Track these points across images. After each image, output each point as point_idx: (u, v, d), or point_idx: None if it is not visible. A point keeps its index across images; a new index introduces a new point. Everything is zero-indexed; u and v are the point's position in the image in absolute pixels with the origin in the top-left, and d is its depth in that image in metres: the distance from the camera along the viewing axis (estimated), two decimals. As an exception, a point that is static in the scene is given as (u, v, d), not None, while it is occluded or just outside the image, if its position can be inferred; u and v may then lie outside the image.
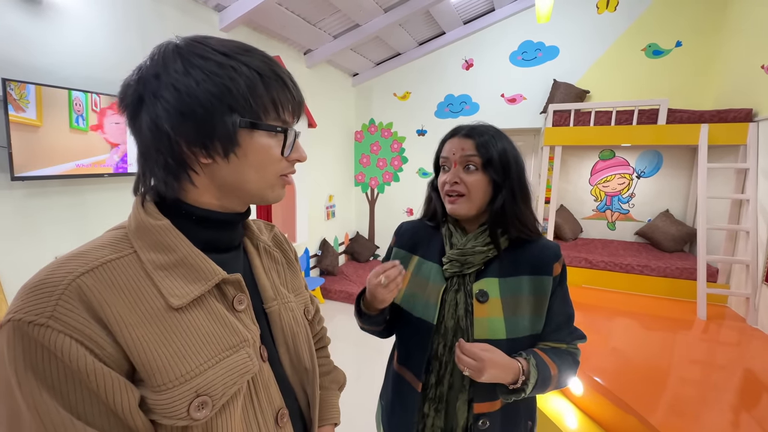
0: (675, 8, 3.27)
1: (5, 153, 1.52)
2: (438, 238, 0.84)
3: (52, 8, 1.69)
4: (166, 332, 0.41)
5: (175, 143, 0.43)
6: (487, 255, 0.77)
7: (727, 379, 1.72)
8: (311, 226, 3.83)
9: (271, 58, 0.49)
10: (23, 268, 1.65)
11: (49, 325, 0.35)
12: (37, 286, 0.37)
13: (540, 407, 1.80)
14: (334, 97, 4.18)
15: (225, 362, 0.44)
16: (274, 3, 2.60)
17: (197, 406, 0.41)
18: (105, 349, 0.38)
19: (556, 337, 0.79)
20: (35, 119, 1.57)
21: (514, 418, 0.79)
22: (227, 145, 0.44)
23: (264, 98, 0.45)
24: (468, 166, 0.76)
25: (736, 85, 2.83)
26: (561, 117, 2.99)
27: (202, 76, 0.42)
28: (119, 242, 0.44)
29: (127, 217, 0.48)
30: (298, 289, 0.64)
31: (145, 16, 2.10)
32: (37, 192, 1.70)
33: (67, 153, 1.69)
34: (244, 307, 0.50)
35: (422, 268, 0.83)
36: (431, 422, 0.79)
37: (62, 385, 0.36)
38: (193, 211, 0.47)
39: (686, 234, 3.19)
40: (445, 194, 0.79)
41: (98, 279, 0.39)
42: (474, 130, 0.79)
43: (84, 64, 1.83)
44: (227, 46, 0.45)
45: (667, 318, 2.39)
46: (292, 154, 0.51)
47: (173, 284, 0.43)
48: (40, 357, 0.35)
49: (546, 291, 0.77)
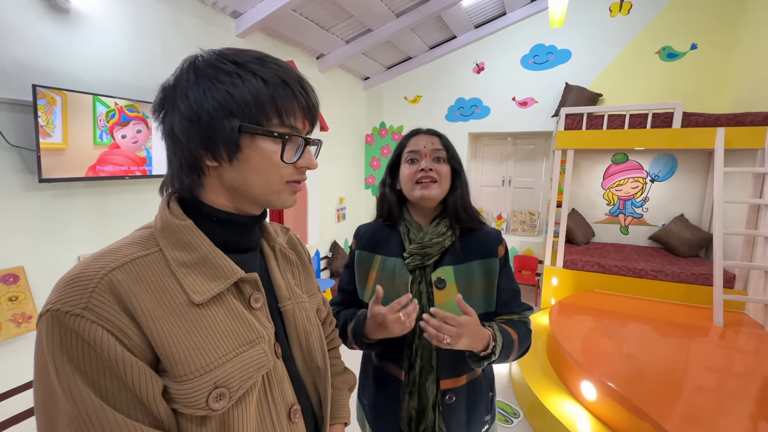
0: (690, 11, 3.23)
1: (34, 156, 1.59)
2: (395, 236, 0.91)
3: (78, 17, 1.76)
4: (187, 326, 0.43)
5: (186, 148, 0.47)
6: (443, 245, 0.85)
7: (746, 387, 1.69)
8: (322, 228, 3.86)
9: (283, 66, 0.49)
10: (47, 264, 1.71)
11: (83, 315, 0.38)
12: (72, 280, 0.40)
13: (553, 411, 1.79)
14: (346, 101, 4.22)
15: (242, 357, 0.46)
16: (289, 9, 2.65)
17: (215, 397, 0.43)
18: (132, 340, 0.40)
19: (507, 310, 0.89)
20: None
21: (477, 391, 0.88)
22: (229, 149, 0.46)
23: (266, 104, 0.46)
24: (438, 158, 0.87)
25: (754, 87, 2.79)
26: (573, 120, 2.98)
27: (209, 85, 0.45)
28: (146, 240, 0.47)
29: (153, 217, 0.50)
30: (312, 290, 0.66)
31: (164, 24, 2.17)
32: (63, 193, 1.76)
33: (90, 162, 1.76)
34: (260, 305, 0.52)
35: (386, 265, 0.88)
36: (406, 405, 0.86)
37: (94, 372, 0.38)
38: (212, 212, 0.50)
39: (701, 239, 3.14)
40: (415, 182, 0.86)
41: (127, 274, 0.42)
42: (433, 130, 0.90)
43: (107, 70, 1.90)
44: (241, 56, 0.48)
45: (682, 324, 2.35)
46: (300, 161, 0.51)
47: (195, 281, 0.45)
48: (74, 345, 0.38)
49: (494, 271, 0.87)
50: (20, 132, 1.59)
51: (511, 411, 2.11)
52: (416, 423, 0.86)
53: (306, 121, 0.51)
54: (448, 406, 0.83)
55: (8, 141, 1.55)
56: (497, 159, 4.41)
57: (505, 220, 4.32)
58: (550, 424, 1.78)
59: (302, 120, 0.50)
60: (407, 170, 0.87)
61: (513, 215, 4.26)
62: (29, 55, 1.60)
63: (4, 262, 1.57)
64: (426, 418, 0.85)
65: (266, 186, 0.49)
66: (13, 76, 1.55)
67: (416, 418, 0.86)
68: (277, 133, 0.47)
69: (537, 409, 1.90)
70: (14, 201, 1.60)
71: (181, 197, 0.51)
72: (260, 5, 2.56)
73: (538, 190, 4.22)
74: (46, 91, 1.57)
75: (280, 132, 0.48)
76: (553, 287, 3.13)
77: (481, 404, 0.89)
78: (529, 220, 4.18)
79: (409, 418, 0.86)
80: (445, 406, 0.83)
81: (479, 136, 4.42)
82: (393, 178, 0.93)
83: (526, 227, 4.18)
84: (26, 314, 1.62)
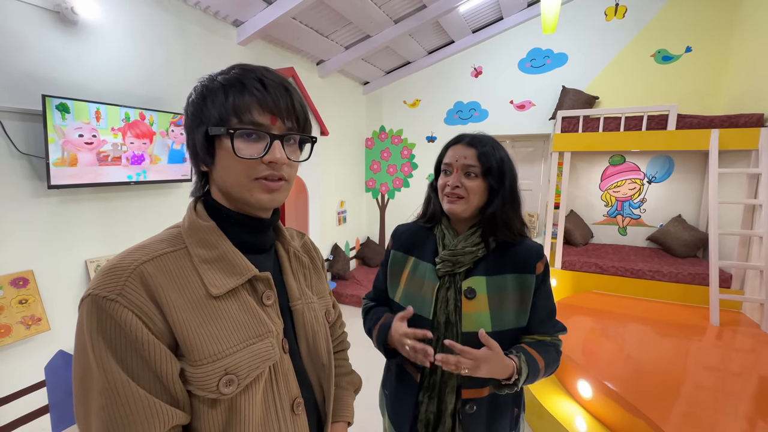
0: (685, 14, 3.27)
1: (43, 163, 1.64)
2: (432, 239, 0.90)
3: (86, 28, 1.82)
4: (205, 316, 0.48)
5: (190, 156, 0.55)
6: (476, 255, 0.83)
7: (742, 386, 1.71)
8: (323, 231, 3.91)
9: (248, 69, 0.51)
10: (55, 268, 1.76)
11: (117, 300, 0.43)
12: (110, 270, 0.46)
13: (548, 409, 1.82)
14: (346, 106, 4.28)
15: (251, 348, 0.50)
16: (289, 17, 2.71)
17: (225, 383, 0.47)
18: (156, 325, 0.45)
19: (541, 330, 0.86)
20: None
21: (501, 405, 0.85)
22: (205, 153, 0.52)
23: (224, 107, 0.49)
24: (468, 173, 0.83)
25: (748, 89, 2.82)
26: (570, 123, 3.02)
27: (193, 101, 0.52)
28: (174, 238, 0.52)
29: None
30: (322, 293, 0.70)
31: (168, 33, 2.23)
32: (70, 199, 1.81)
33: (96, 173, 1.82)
34: (271, 302, 0.56)
35: (418, 269, 0.89)
36: (425, 408, 0.86)
37: (123, 351, 0.43)
38: (229, 213, 0.55)
39: (699, 239, 3.16)
40: (444, 195, 0.86)
41: (156, 267, 0.48)
42: (476, 139, 0.85)
43: (114, 80, 1.95)
44: (227, 69, 0.53)
45: (679, 324, 2.38)
46: (266, 156, 0.50)
47: (214, 276, 0.50)
48: (109, 325, 0.43)
49: (529, 287, 0.83)
50: (30, 140, 1.64)
51: (510, 410, 2.13)
52: (434, 427, 0.86)
53: (275, 117, 0.51)
54: (469, 415, 0.82)
55: (19, 149, 1.60)
56: (496, 161, 4.44)
57: (505, 222, 4.35)
58: (548, 423, 1.81)
59: (269, 116, 0.50)
60: (440, 181, 0.88)
61: (512, 217, 4.29)
62: (39, 66, 1.66)
63: (14, 265, 1.62)
64: (444, 424, 0.84)
65: (237, 183, 0.52)
66: (24, 87, 1.60)
67: (434, 423, 0.86)
68: (223, 129, 0.49)
69: (535, 409, 1.93)
70: (24, 207, 1.65)
71: (206, 200, 0.57)
72: (261, 14, 2.62)
73: (536, 192, 4.26)
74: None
75: (228, 128, 0.49)
76: (552, 288, 3.15)
77: (504, 419, 0.86)
78: (528, 221, 4.20)
79: (427, 422, 0.86)
80: (465, 415, 0.82)
81: (478, 139, 4.46)
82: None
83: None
84: (35, 316, 1.66)
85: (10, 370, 1.63)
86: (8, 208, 1.60)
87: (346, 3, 2.86)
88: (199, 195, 0.57)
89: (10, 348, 1.63)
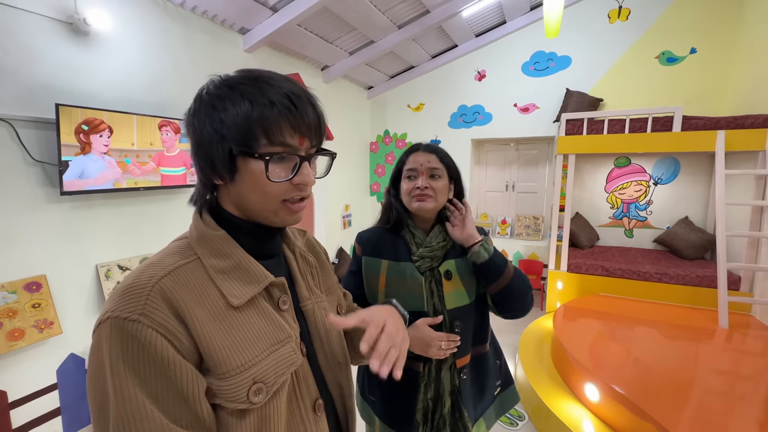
0: (689, 15, 3.27)
1: (56, 170, 1.68)
2: (400, 241, 0.97)
3: (97, 39, 1.87)
4: (227, 328, 0.47)
5: (199, 168, 0.52)
6: (447, 246, 0.95)
7: (752, 389, 1.68)
8: (328, 235, 3.93)
9: (274, 84, 0.49)
10: (67, 272, 1.80)
11: (140, 321, 0.41)
12: (128, 289, 0.43)
13: (556, 412, 1.81)
14: (350, 110, 4.31)
15: (275, 355, 0.50)
16: (294, 24, 2.75)
17: (255, 392, 0.47)
18: (182, 342, 0.43)
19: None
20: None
21: (485, 362, 0.98)
22: (226, 170, 0.49)
23: (253, 126, 0.47)
24: (434, 175, 0.93)
25: (754, 90, 2.80)
26: (574, 126, 3.02)
27: (207, 111, 0.48)
28: (184, 250, 0.50)
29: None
30: (331, 287, 0.71)
31: (176, 42, 2.27)
32: (82, 205, 1.85)
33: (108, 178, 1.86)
34: (287, 307, 0.56)
35: (397, 269, 0.94)
36: (422, 397, 0.91)
37: (145, 372, 0.41)
38: (240, 223, 0.54)
39: (707, 241, 3.14)
40: (413, 197, 0.94)
41: (175, 281, 0.46)
42: (431, 146, 0.97)
43: (123, 88, 2.00)
44: (238, 78, 0.49)
45: (687, 326, 2.35)
46: (295, 178, 0.50)
47: (232, 285, 0.49)
48: (131, 347, 0.41)
49: None
50: (44, 148, 1.69)
51: (516, 414, 2.13)
52: (432, 412, 0.91)
53: (303, 137, 0.50)
54: (464, 381, 0.92)
55: (33, 156, 1.65)
56: (500, 164, 4.45)
57: (510, 224, 4.35)
58: (555, 427, 1.80)
59: (298, 137, 0.50)
60: (406, 185, 0.95)
61: (517, 220, 4.29)
62: (52, 76, 1.70)
63: (28, 270, 1.66)
64: (443, 405, 0.90)
65: (262, 204, 0.51)
66: (38, 96, 1.65)
67: (432, 408, 0.91)
68: (258, 153, 0.47)
69: (542, 412, 1.92)
70: (38, 213, 1.69)
71: (211, 208, 0.55)
72: (267, 21, 2.66)
73: (542, 195, 4.25)
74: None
75: (261, 153, 0.47)
76: (558, 291, 3.14)
77: (491, 374, 0.99)
78: (533, 224, 4.20)
79: (426, 409, 0.91)
80: (462, 384, 0.91)
81: (482, 142, 4.47)
82: (396, 189, 1.00)
83: (531, 231, 4.20)
84: (48, 320, 1.70)
85: (23, 373, 1.67)
86: (22, 214, 1.64)
87: (351, 9, 2.90)
88: (202, 204, 0.55)
89: (24, 351, 1.66)
